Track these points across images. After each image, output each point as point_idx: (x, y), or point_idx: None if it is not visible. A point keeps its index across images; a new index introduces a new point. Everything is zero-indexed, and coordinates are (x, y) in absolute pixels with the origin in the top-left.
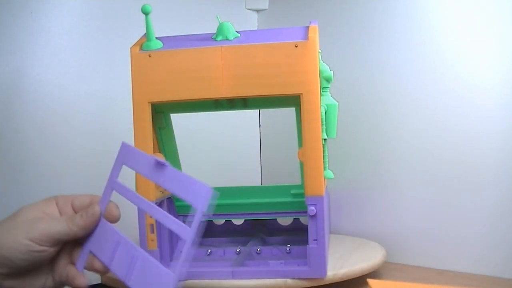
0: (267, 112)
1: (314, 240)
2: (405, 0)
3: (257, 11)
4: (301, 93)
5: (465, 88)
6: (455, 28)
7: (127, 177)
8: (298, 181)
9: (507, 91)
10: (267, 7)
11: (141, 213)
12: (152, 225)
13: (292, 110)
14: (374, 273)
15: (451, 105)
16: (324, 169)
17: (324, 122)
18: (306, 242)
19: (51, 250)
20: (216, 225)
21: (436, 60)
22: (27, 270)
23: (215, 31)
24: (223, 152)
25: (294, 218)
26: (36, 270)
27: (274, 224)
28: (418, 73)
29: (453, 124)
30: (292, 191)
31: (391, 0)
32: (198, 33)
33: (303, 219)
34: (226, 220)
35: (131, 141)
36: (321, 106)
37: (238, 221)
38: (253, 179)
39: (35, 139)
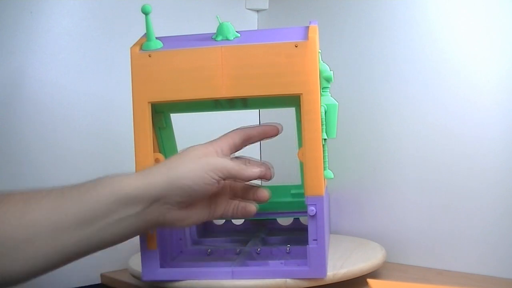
0: (267, 112)
1: (314, 240)
2: (405, 0)
3: (257, 11)
4: (301, 93)
5: (466, 90)
6: (456, 28)
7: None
8: (298, 181)
9: (508, 95)
10: (267, 7)
11: None
12: None
13: (292, 110)
14: (374, 273)
15: (451, 104)
16: (324, 169)
17: (324, 122)
18: (306, 242)
19: (216, 185)
20: (216, 225)
21: (436, 60)
22: (193, 201)
23: (215, 31)
24: None
25: (294, 218)
26: (197, 204)
27: (274, 224)
28: (419, 73)
29: (453, 124)
30: (292, 191)
31: (392, 0)
32: (198, 33)
33: (303, 219)
34: (226, 220)
35: (131, 141)
36: (321, 106)
37: (238, 221)
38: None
39: (35, 138)
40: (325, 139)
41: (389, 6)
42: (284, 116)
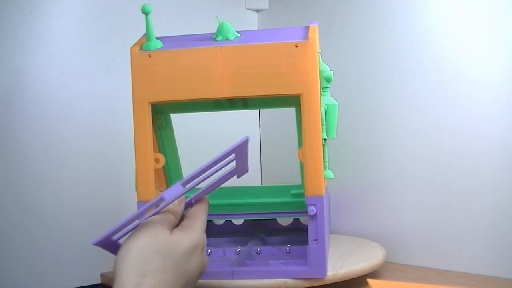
0: (267, 112)
1: (314, 240)
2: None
3: (257, 11)
4: (301, 93)
5: (466, 89)
6: (456, 27)
7: (128, 176)
8: (298, 181)
9: (507, 93)
10: (267, 7)
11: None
12: None
13: (292, 110)
14: (374, 273)
15: (451, 104)
16: (324, 169)
17: (324, 122)
18: (306, 242)
19: None
20: (216, 225)
21: (436, 60)
22: None
23: (215, 31)
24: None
25: (294, 218)
26: None
27: (274, 224)
28: (418, 73)
29: (453, 124)
30: (292, 191)
31: (391, 0)
32: (198, 33)
33: (303, 219)
34: (226, 220)
35: (131, 141)
36: (321, 106)
37: (238, 221)
38: (253, 179)
39: (35, 138)
40: (325, 139)
41: (389, 5)
42: (284, 116)
